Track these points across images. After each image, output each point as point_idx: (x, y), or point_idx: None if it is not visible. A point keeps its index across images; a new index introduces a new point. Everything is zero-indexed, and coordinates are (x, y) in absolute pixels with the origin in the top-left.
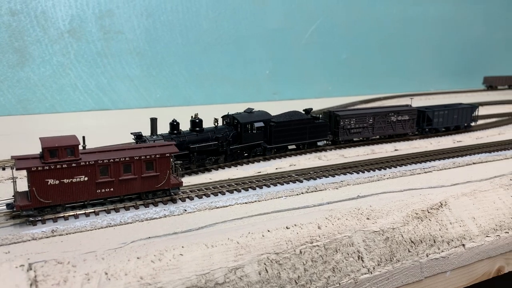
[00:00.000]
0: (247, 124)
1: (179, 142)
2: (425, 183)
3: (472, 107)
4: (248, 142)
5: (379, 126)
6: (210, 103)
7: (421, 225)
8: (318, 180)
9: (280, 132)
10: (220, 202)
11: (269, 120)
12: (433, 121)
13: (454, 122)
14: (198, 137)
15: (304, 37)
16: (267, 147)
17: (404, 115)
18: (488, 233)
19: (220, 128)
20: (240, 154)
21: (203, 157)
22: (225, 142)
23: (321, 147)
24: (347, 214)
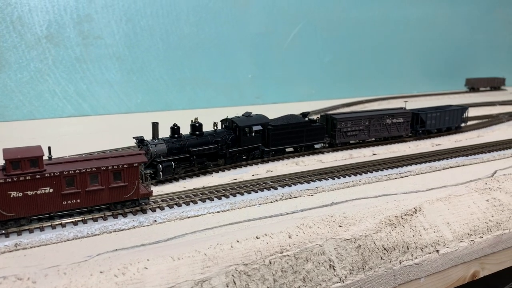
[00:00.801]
0: (246, 127)
1: (179, 146)
2: (400, 188)
3: (462, 108)
4: (247, 145)
5: (375, 129)
6: (192, 108)
7: (394, 231)
8: (293, 186)
9: (277, 135)
10: (191, 211)
11: (267, 123)
12: (426, 123)
13: (446, 124)
14: (198, 141)
15: (286, 40)
16: (265, 150)
17: (399, 118)
18: (462, 238)
19: (219, 132)
20: (239, 157)
21: (203, 160)
22: (224, 146)
23: (319, 150)
24: (319, 222)
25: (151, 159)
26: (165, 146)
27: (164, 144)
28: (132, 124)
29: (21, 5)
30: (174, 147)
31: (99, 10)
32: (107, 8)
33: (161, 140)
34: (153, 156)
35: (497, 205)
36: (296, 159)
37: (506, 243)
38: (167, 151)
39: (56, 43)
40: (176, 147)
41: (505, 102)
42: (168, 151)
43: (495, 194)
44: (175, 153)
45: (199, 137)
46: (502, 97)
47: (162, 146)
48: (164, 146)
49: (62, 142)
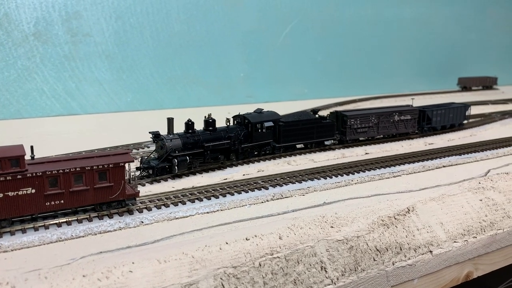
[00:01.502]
0: (258, 123)
1: (194, 141)
2: (393, 187)
3: (465, 106)
4: (258, 141)
5: (384, 126)
6: (183, 107)
7: (387, 232)
8: (284, 186)
9: (288, 132)
10: (180, 212)
11: (278, 120)
12: (432, 120)
13: (450, 121)
14: (212, 136)
15: (279, 39)
16: (276, 146)
17: (407, 115)
18: (456, 239)
19: (232, 128)
20: (251, 153)
21: (216, 155)
22: (237, 141)
23: (328, 146)
24: (311, 223)
25: (166, 154)
26: (180, 141)
27: (179, 139)
28: (122, 123)
29: (7, 2)
30: (189, 142)
31: (88, 7)
32: (96, 5)
33: (176, 135)
34: (169, 150)
35: (491, 205)
36: (288, 158)
37: (500, 243)
38: (182, 146)
39: (44, 41)
40: (191, 142)
41: (497, 101)
42: (183, 146)
43: (489, 194)
44: (190, 148)
45: (213, 133)
46: (494, 96)
47: (177, 141)
48: (179, 141)
49: (50, 142)
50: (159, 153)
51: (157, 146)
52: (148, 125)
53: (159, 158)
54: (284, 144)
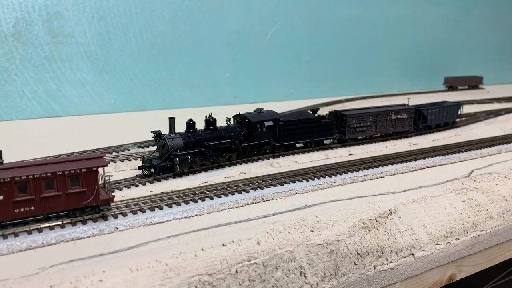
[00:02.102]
0: (258, 123)
1: (195, 140)
2: (375, 189)
3: (457, 104)
4: (259, 140)
5: (381, 125)
6: (168, 108)
7: (368, 235)
8: (265, 189)
9: (288, 131)
10: (156, 217)
11: (277, 119)
12: (428, 118)
13: (444, 119)
14: (213, 135)
15: (264, 39)
16: (276, 145)
17: (403, 114)
18: (438, 241)
19: (232, 127)
20: (251, 152)
21: (217, 154)
22: (237, 140)
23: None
24: (291, 227)
25: (168, 153)
26: (182, 140)
27: (180, 138)
28: (105, 125)
29: None
30: (190, 141)
31: (69, 7)
32: (77, 5)
33: (177, 135)
34: (170, 150)
35: (474, 206)
36: (271, 160)
37: (483, 245)
38: (184, 145)
39: (24, 42)
40: (192, 141)
41: (483, 101)
42: (185, 145)
43: (472, 195)
44: (191, 147)
45: (214, 132)
46: (479, 95)
47: (179, 140)
48: (180, 140)
49: (30, 145)
50: (161, 152)
51: (158, 145)
52: (131, 126)
53: (161, 157)
54: (284, 143)
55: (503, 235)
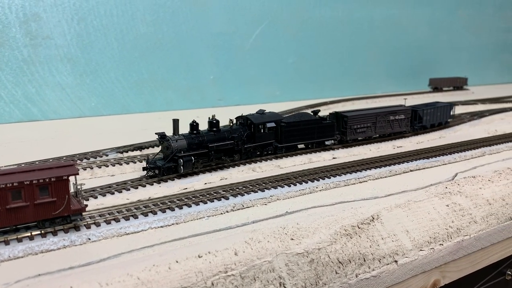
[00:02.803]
0: (260, 124)
1: (198, 141)
2: (358, 194)
3: (450, 105)
4: (261, 141)
5: (380, 126)
6: (151, 111)
7: (350, 242)
8: (246, 196)
9: (290, 132)
10: (131, 227)
11: (279, 120)
12: (423, 119)
13: (438, 119)
14: (216, 137)
15: (249, 41)
16: (278, 146)
17: (401, 115)
18: (422, 247)
19: (235, 129)
20: (253, 153)
21: (220, 156)
22: (240, 142)
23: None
24: (270, 235)
25: (172, 154)
26: (185, 141)
27: (184, 139)
28: (85, 129)
29: None
30: (194, 143)
31: (48, 9)
32: (56, 6)
33: (181, 136)
34: (174, 151)
35: (457, 210)
36: (253, 165)
37: (467, 249)
38: (187, 146)
39: (1, 44)
40: (196, 143)
41: (467, 102)
42: (188, 146)
43: (456, 199)
44: (195, 149)
45: (217, 133)
46: (464, 96)
47: (183, 142)
48: (184, 142)
49: (7, 150)
50: (165, 154)
51: (162, 146)
52: (112, 130)
53: (165, 159)
54: (286, 144)
55: (487, 240)
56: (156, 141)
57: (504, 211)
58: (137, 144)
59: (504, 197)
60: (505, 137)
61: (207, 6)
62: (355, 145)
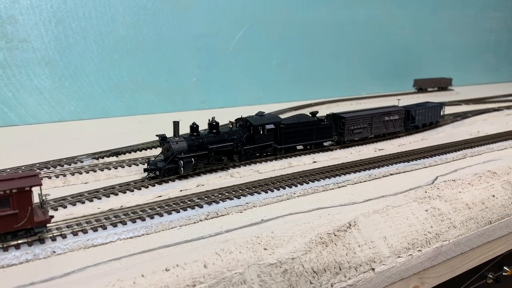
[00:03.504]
0: (259, 126)
1: (199, 143)
2: (336, 200)
3: (440, 104)
4: (260, 142)
5: (376, 126)
6: (132, 114)
7: (325, 251)
8: (221, 203)
9: (289, 134)
10: (99, 238)
11: (279, 122)
12: (416, 118)
13: (429, 119)
14: (216, 138)
15: (232, 43)
16: (278, 147)
17: (395, 115)
18: (400, 253)
19: (235, 130)
20: (253, 154)
21: (220, 157)
22: (239, 143)
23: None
24: (243, 245)
25: (172, 156)
26: (186, 143)
27: (184, 141)
28: (63, 133)
29: None
30: (194, 144)
31: (24, 11)
32: (33, 9)
33: (181, 138)
34: (175, 152)
35: (437, 215)
36: (232, 170)
37: (446, 255)
38: (188, 148)
39: None
40: (196, 144)
41: (451, 103)
42: (188, 148)
43: (435, 203)
44: (195, 150)
45: (216, 135)
46: (449, 97)
47: (183, 143)
48: (184, 143)
49: None
50: (165, 155)
51: (163, 148)
52: (91, 135)
53: (165, 160)
54: (285, 145)
55: (466, 244)
56: (133, 146)
57: (483, 215)
58: (114, 150)
59: (484, 201)
60: (487, 138)
61: (189, 8)
62: (352, 145)
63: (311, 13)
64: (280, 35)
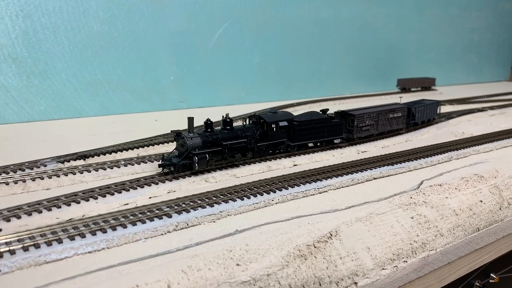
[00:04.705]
0: (273, 123)
1: (213, 139)
2: (317, 207)
3: (437, 102)
4: (274, 139)
5: (382, 124)
6: (106, 114)
7: (304, 265)
8: (192, 212)
9: (302, 131)
10: (53, 254)
11: (291, 119)
12: (416, 116)
13: (427, 116)
14: (230, 135)
15: (212, 40)
16: (290, 145)
17: (398, 112)
18: (384, 265)
19: (248, 127)
20: (266, 151)
21: (233, 153)
22: (253, 140)
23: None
24: (213, 261)
25: (187, 151)
26: (200, 139)
27: (199, 137)
28: (30, 135)
29: None
30: (208, 141)
31: None
32: None
33: (196, 134)
34: (189, 148)
35: (423, 222)
36: (207, 174)
37: (433, 265)
38: (202, 144)
39: None
40: (210, 141)
41: None
42: (203, 144)
43: (421, 210)
44: (209, 146)
45: (230, 132)
46: (432, 97)
47: (197, 140)
48: (199, 140)
49: None
50: (180, 151)
51: (178, 144)
52: (60, 136)
53: (180, 156)
54: (297, 142)
55: (454, 253)
56: (103, 149)
57: (471, 222)
58: (81, 153)
59: (471, 207)
60: (472, 140)
61: (166, 3)
62: (361, 142)
63: (294, 10)
64: (262, 33)
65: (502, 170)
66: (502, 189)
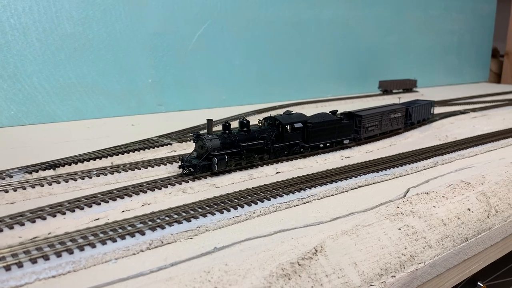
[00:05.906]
0: (288, 125)
1: (231, 141)
2: (300, 219)
3: (431, 102)
4: (289, 141)
5: (384, 124)
6: (81, 119)
7: (288, 285)
8: (167, 228)
9: (316, 132)
10: (11, 280)
11: (305, 121)
12: (412, 116)
13: (422, 116)
14: (247, 137)
15: (191, 41)
16: (305, 146)
17: (398, 113)
18: (372, 281)
19: (264, 129)
20: (281, 152)
21: (251, 155)
22: (269, 141)
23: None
24: (189, 285)
25: (206, 153)
26: (219, 141)
27: (218, 139)
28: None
29: None
30: (227, 142)
31: None
32: None
33: (215, 136)
34: (209, 150)
35: (410, 234)
36: (184, 185)
37: (422, 279)
38: (221, 145)
39: None
40: (228, 142)
41: None
42: (222, 145)
43: (408, 220)
44: (227, 148)
45: (247, 133)
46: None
47: (216, 141)
48: (218, 141)
49: None
50: (199, 153)
51: (197, 145)
52: (30, 143)
53: (199, 157)
54: (311, 144)
55: (443, 265)
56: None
57: (460, 232)
58: (51, 161)
59: (460, 216)
60: (456, 144)
61: (143, 4)
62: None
63: (275, 11)
64: (242, 34)
65: (488, 176)
66: (489, 196)
